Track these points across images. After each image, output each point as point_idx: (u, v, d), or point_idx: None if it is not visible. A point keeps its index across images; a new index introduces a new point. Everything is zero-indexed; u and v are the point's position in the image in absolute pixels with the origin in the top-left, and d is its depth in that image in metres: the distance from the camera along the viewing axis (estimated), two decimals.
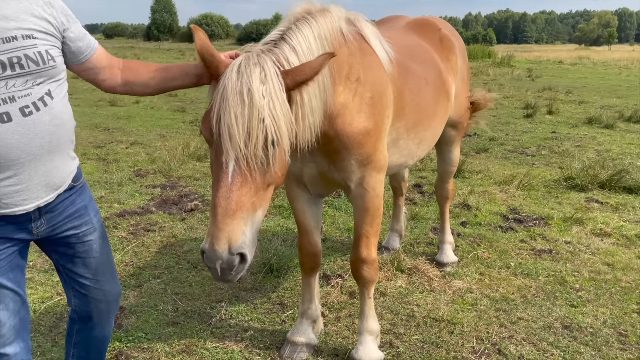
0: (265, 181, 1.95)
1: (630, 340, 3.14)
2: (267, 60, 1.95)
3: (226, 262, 1.88)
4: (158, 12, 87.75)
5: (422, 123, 3.06)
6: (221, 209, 1.86)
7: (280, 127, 1.88)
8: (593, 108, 12.96)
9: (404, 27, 3.65)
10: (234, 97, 1.85)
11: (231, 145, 1.84)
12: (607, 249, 4.44)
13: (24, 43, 1.73)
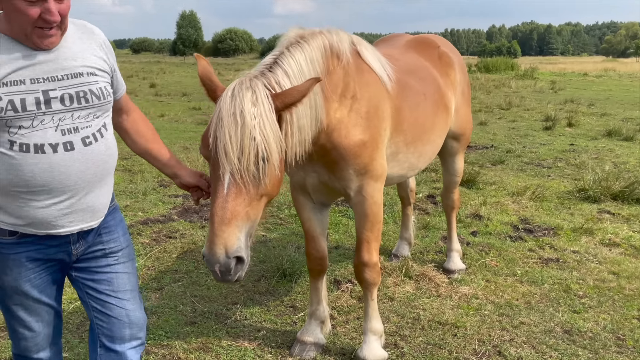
0: (258, 193, 2.15)
1: (627, 344, 3.24)
2: (259, 84, 2.17)
3: (223, 265, 2.09)
4: (184, 28, 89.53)
5: (422, 137, 3.23)
6: (218, 217, 2.08)
7: (270, 144, 2.09)
8: (614, 121, 12.90)
9: (403, 45, 3.83)
10: (228, 118, 2.07)
11: (226, 160, 2.06)
12: (614, 258, 4.53)
13: (88, 79, 1.92)
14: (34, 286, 2.00)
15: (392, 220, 5.56)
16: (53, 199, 1.87)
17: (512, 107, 15.98)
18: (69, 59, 1.88)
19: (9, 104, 1.74)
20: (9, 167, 1.81)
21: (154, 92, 20.04)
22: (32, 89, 1.78)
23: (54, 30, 1.80)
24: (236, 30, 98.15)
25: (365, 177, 2.79)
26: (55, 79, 1.83)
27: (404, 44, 3.86)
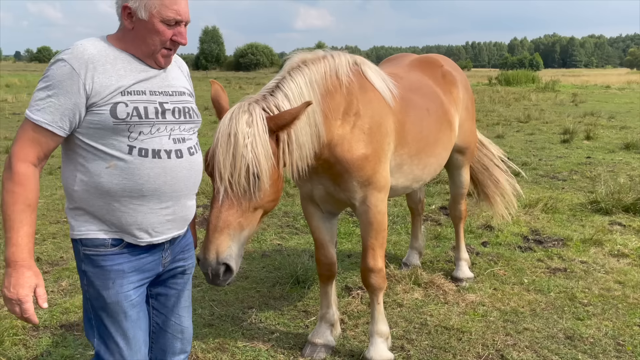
0: (251, 205, 2.37)
1: (626, 349, 3.35)
2: (256, 108, 2.41)
3: (214, 269, 2.31)
4: (206, 43, 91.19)
5: (425, 150, 3.41)
6: (212, 225, 2.32)
7: (260, 162, 2.31)
8: (634, 134, 12.86)
9: (408, 64, 4.01)
10: (224, 138, 2.31)
11: (220, 176, 2.30)
12: (622, 268, 4.62)
13: (188, 99, 2.11)
14: (132, 302, 2.02)
15: (404, 231, 5.71)
16: (160, 204, 1.98)
17: (530, 120, 15.99)
18: (173, 79, 2.08)
19: (134, 110, 1.90)
20: (124, 173, 1.91)
21: None
22: (151, 100, 1.95)
23: (173, 52, 2.03)
24: (257, 45, 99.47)
25: (368, 188, 2.97)
26: (167, 93, 2.02)
27: (409, 64, 4.04)
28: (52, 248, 5.19)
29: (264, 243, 5.42)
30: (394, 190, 3.37)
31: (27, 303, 1.83)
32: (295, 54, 2.86)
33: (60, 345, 3.48)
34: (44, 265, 4.77)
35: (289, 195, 7.18)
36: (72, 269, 4.67)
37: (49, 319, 3.80)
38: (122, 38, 1.99)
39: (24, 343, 3.49)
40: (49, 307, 3.98)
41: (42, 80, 1.86)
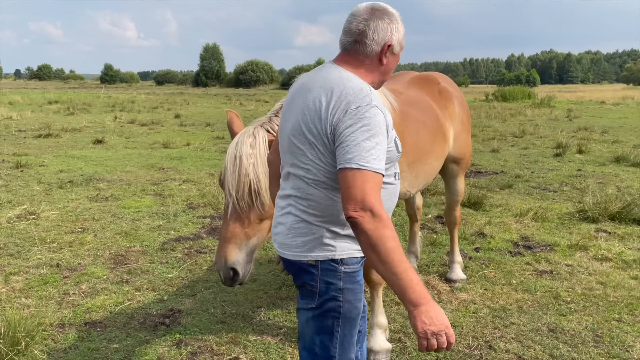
0: (256, 217, 2.75)
1: (604, 340, 3.67)
2: (260, 131, 2.78)
3: (223, 273, 2.73)
4: (207, 60, 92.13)
5: (421, 159, 3.76)
6: (222, 236, 2.73)
7: (261, 180, 2.68)
8: (626, 148, 13.24)
9: (407, 81, 4.38)
10: (231, 160, 2.70)
11: (229, 192, 2.70)
12: (604, 270, 4.95)
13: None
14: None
15: (402, 238, 6.05)
16: None
17: (525, 135, 16.40)
18: None
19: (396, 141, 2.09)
20: (390, 195, 2.10)
21: (179, 122, 20.90)
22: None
23: None
24: (257, 62, 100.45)
25: None
26: None
27: (408, 80, 4.40)
28: (69, 255, 5.51)
29: (270, 250, 5.75)
30: None
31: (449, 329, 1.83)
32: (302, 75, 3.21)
33: (85, 339, 3.79)
34: (64, 270, 5.09)
35: None
36: (91, 274, 5.00)
37: (73, 318, 4.12)
38: (368, 72, 2.06)
39: (52, 338, 3.80)
40: (72, 307, 4.31)
41: (365, 129, 1.84)
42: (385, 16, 2.03)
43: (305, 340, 2.12)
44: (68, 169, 10.35)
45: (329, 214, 1.99)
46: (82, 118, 22.30)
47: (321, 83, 2.00)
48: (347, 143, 1.83)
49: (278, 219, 2.13)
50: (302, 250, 2.01)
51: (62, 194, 8.21)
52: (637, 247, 5.63)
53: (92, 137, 15.34)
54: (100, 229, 6.41)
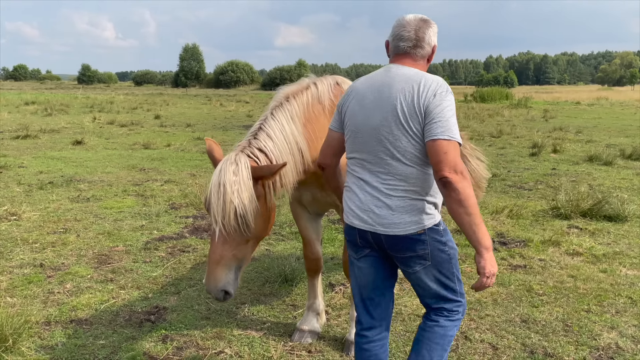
0: (242, 239, 2.83)
1: (573, 329, 3.86)
2: (242, 158, 2.82)
3: (214, 295, 2.83)
4: (186, 60, 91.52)
5: None
6: (210, 259, 2.81)
7: (245, 205, 2.73)
8: (599, 147, 13.61)
9: None
10: (215, 188, 2.76)
11: (214, 219, 2.77)
12: (575, 264, 5.16)
13: None
14: None
15: None
16: None
17: (502, 135, 16.74)
18: None
19: None
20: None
21: (159, 123, 20.84)
22: None
23: None
24: (238, 62, 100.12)
25: None
26: None
27: None
28: (53, 255, 5.54)
29: None
30: None
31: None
32: (281, 89, 3.33)
33: (72, 336, 3.86)
34: (48, 270, 5.12)
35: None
36: (75, 273, 5.05)
37: (58, 316, 4.17)
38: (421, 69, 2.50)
39: (39, 335, 3.85)
40: (57, 305, 4.36)
41: (449, 108, 2.29)
42: (432, 25, 2.52)
43: (429, 293, 2.51)
44: (48, 170, 10.30)
45: (426, 187, 2.38)
46: (60, 119, 22.09)
47: (401, 79, 2.39)
48: (439, 119, 2.26)
49: (370, 205, 2.44)
50: (411, 224, 2.37)
51: (42, 195, 8.19)
52: (607, 242, 5.86)
53: (71, 138, 15.24)
54: (82, 230, 6.43)
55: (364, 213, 2.46)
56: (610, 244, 5.78)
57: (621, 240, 5.90)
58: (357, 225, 2.51)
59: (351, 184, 2.55)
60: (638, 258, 5.33)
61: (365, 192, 2.47)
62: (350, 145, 2.55)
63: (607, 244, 5.80)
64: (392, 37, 2.52)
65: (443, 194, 2.29)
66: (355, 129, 2.50)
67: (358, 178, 2.50)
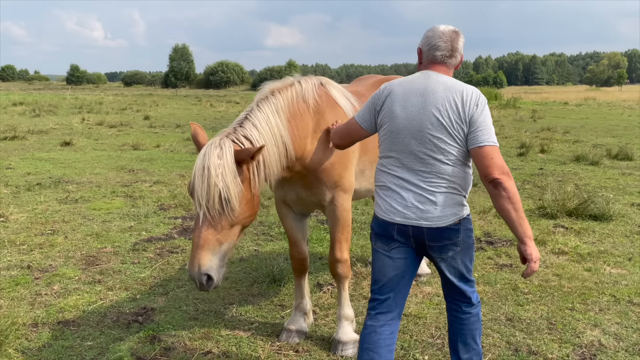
0: (227, 224, 2.84)
1: (557, 327, 3.91)
2: (226, 142, 2.86)
3: (197, 279, 2.80)
4: (176, 61, 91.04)
5: None
6: (194, 243, 2.81)
7: (229, 188, 2.77)
8: (586, 147, 13.75)
9: (371, 84, 4.55)
10: (199, 172, 2.79)
11: (199, 202, 2.78)
12: (560, 263, 5.22)
13: None
14: None
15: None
16: None
17: None
18: None
19: None
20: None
21: (149, 124, 20.76)
22: None
23: None
24: (228, 63, 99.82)
25: (336, 190, 3.47)
26: None
27: (372, 83, 4.58)
28: (40, 257, 5.52)
29: (241, 250, 5.86)
30: (359, 194, 3.89)
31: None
32: (266, 84, 3.36)
33: (59, 338, 3.85)
34: (35, 272, 5.11)
35: (263, 207, 7.64)
36: (62, 274, 5.03)
37: (46, 317, 4.17)
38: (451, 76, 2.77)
39: (26, 337, 3.85)
40: (45, 307, 4.35)
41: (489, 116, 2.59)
42: (462, 36, 2.77)
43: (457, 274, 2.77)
44: (36, 172, 10.24)
45: (464, 183, 2.66)
46: (49, 120, 21.94)
47: (443, 87, 2.62)
48: (482, 127, 2.54)
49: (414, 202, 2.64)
50: (451, 216, 2.62)
51: (30, 197, 8.15)
52: (592, 241, 5.93)
53: (59, 139, 15.15)
54: (70, 231, 6.41)
55: (408, 209, 2.65)
56: (595, 243, 5.85)
57: (606, 239, 5.98)
58: (398, 222, 2.67)
59: (389, 183, 2.71)
60: (622, 257, 5.41)
61: (407, 190, 2.65)
62: (388, 145, 2.72)
63: (592, 243, 5.87)
64: (427, 46, 2.74)
65: (493, 194, 2.53)
66: (396, 130, 2.66)
67: (397, 177, 2.69)
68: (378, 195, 2.78)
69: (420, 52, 2.81)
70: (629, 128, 19.36)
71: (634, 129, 19.06)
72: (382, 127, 2.74)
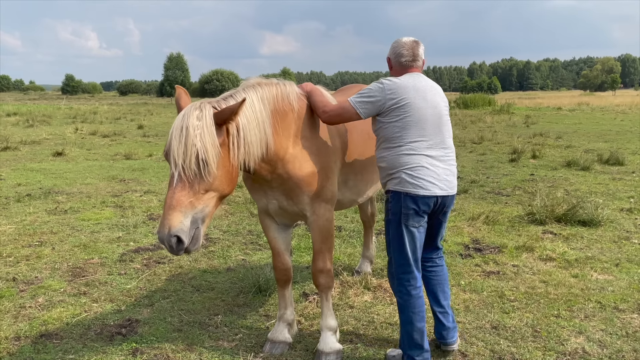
0: (202, 187, 2.80)
1: (542, 335, 3.90)
2: (207, 106, 2.86)
3: (166, 241, 2.74)
4: (171, 70, 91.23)
5: (367, 168, 3.92)
6: (166, 205, 2.76)
7: (207, 149, 2.75)
8: (578, 152, 13.79)
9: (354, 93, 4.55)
10: (177, 131, 2.77)
11: (174, 161, 2.75)
12: (547, 270, 5.21)
13: None
14: None
15: (359, 244, 6.22)
16: None
17: (484, 141, 16.89)
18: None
19: None
20: None
21: (142, 133, 20.74)
22: None
23: None
24: (222, 71, 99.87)
25: (317, 201, 3.46)
26: None
27: (355, 92, 4.57)
28: (26, 269, 5.48)
29: (229, 259, 5.83)
30: (342, 204, 3.88)
31: None
32: (252, 77, 3.35)
33: (41, 352, 3.82)
34: (20, 284, 5.07)
35: (252, 215, 7.62)
36: (48, 287, 5.00)
37: (28, 330, 4.13)
38: None
39: (7, 351, 3.81)
40: (28, 320, 4.31)
41: None
42: (421, 44, 3.46)
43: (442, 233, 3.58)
44: (26, 182, 10.20)
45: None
46: (42, 130, 21.90)
47: (434, 85, 3.40)
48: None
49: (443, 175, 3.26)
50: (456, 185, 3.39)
51: (19, 208, 8.11)
52: (580, 247, 5.93)
53: (51, 149, 15.11)
54: (58, 242, 6.38)
55: (441, 182, 3.23)
56: (583, 249, 5.85)
57: (594, 245, 5.98)
58: (438, 194, 3.22)
59: (423, 162, 3.20)
60: (609, 262, 5.41)
61: (438, 167, 3.23)
62: (417, 131, 3.21)
63: (580, 248, 5.87)
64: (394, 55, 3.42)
65: None
66: (424, 119, 3.22)
67: (429, 157, 3.22)
68: (411, 176, 3.18)
69: (389, 60, 3.45)
70: (621, 133, 19.42)
71: (626, 133, 19.13)
72: (401, 117, 3.20)
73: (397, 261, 3.35)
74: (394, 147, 3.23)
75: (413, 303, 3.33)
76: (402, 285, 3.34)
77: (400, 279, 3.36)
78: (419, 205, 3.20)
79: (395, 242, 3.33)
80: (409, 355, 3.39)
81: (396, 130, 3.21)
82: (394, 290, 3.51)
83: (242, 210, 7.98)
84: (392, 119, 3.22)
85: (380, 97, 3.22)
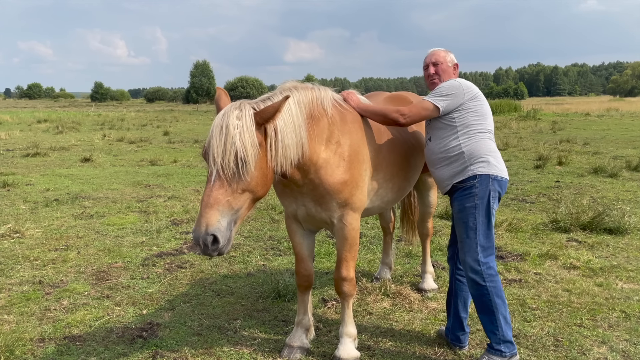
0: (239, 187, 2.79)
1: (563, 344, 3.83)
2: (247, 106, 2.88)
3: (202, 239, 2.71)
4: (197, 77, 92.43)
5: (398, 175, 3.90)
6: (204, 202, 2.75)
7: (247, 148, 2.75)
8: (606, 159, 13.51)
9: (382, 100, 4.50)
10: (217, 129, 2.78)
11: (213, 160, 2.76)
12: (571, 278, 5.12)
13: None
14: None
15: (379, 251, 6.20)
16: None
17: (508, 148, 16.69)
18: None
19: None
20: None
21: (168, 140, 21.03)
22: None
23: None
24: (247, 78, 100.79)
25: (346, 209, 3.45)
26: None
27: (383, 99, 4.54)
28: (52, 272, 5.61)
29: (249, 264, 5.88)
30: (370, 211, 3.87)
31: None
32: (288, 81, 3.36)
33: (64, 353, 3.90)
34: (46, 287, 5.19)
35: (274, 221, 7.67)
36: (72, 290, 5.11)
37: (53, 332, 4.22)
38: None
39: (32, 352, 3.90)
40: (53, 322, 4.41)
41: None
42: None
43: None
44: (54, 188, 10.44)
45: None
46: (71, 136, 22.39)
47: None
48: None
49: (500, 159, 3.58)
50: None
51: (47, 213, 8.30)
52: (605, 255, 5.81)
53: (80, 155, 15.44)
54: (83, 246, 6.51)
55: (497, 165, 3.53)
56: (609, 257, 5.73)
57: (620, 254, 5.85)
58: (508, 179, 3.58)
59: (495, 149, 3.56)
60: (635, 271, 5.29)
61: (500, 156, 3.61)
62: (489, 121, 3.60)
63: (605, 257, 5.75)
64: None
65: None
66: (489, 114, 3.62)
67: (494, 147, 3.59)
68: (496, 160, 3.49)
69: (457, 65, 4.03)
70: None
71: None
72: (476, 110, 3.53)
73: (484, 245, 3.47)
74: (476, 133, 3.50)
75: (500, 284, 3.51)
76: (491, 268, 3.47)
77: (486, 262, 3.46)
78: (502, 188, 3.50)
79: (483, 227, 3.46)
80: (506, 339, 3.44)
81: (475, 117, 3.51)
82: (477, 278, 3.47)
83: (264, 216, 8.03)
84: (470, 108, 3.52)
85: (459, 92, 3.51)
